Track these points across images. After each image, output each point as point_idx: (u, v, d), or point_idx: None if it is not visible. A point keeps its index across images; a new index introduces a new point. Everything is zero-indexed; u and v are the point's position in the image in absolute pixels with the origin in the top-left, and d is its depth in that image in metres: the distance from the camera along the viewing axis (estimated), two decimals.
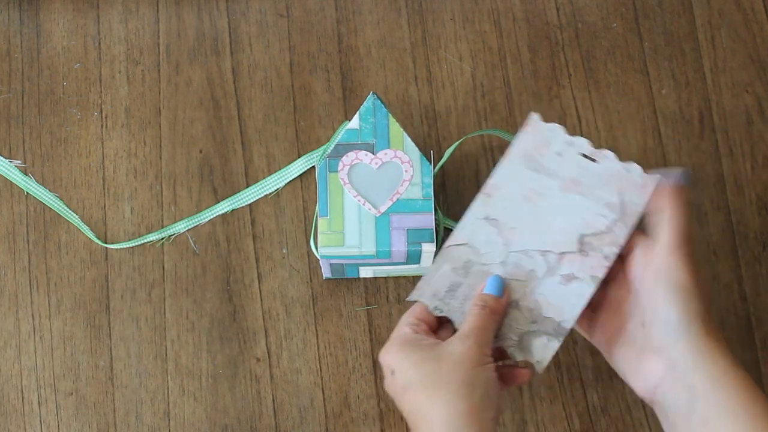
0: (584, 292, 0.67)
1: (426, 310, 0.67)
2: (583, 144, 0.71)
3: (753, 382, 0.60)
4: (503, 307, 0.66)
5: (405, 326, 0.66)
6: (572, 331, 0.73)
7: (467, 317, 0.65)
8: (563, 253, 0.68)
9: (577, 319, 0.68)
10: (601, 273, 0.68)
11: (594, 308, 0.69)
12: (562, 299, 0.67)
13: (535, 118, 0.72)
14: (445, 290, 0.68)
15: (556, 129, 0.71)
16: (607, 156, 0.70)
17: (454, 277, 0.68)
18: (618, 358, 0.66)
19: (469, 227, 0.70)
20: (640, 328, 0.65)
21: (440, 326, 0.68)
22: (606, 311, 0.68)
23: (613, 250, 0.68)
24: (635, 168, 0.70)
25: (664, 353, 0.62)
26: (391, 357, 0.65)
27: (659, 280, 0.63)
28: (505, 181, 0.70)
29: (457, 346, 0.63)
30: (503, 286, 0.67)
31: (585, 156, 0.70)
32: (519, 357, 0.67)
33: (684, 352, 0.61)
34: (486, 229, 0.70)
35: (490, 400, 0.62)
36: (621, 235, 0.68)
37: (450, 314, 0.68)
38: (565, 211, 0.69)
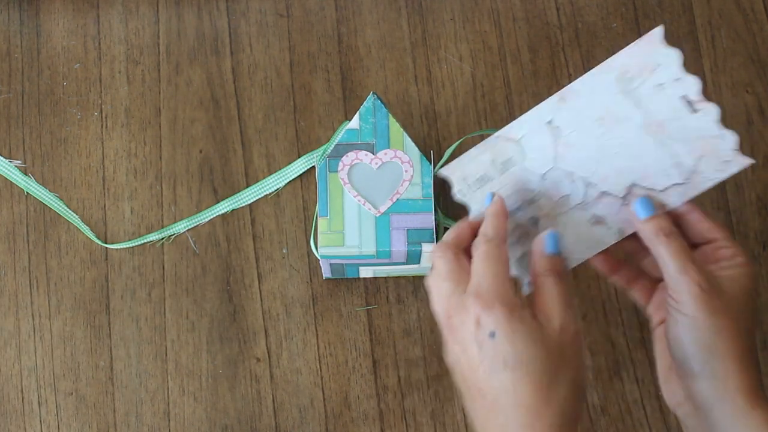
0: (604, 240, 0.62)
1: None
2: (691, 86, 0.62)
3: None
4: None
5: (506, 283, 0.56)
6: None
7: (547, 290, 0.57)
8: (605, 192, 0.62)
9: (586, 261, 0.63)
10: (630, 229, 0.62)
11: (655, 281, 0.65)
12: (579, 238, 0.62)
13: (657, 33, 0.62)
14: (475, 178, 0.63)
15: (673, 56, 0.61)
16: (710, 112, 0.62)
17: (490, 169, 0.63)
18: (656, 351, 0.63)
19: (527, 126, 0.63)
20: (672, 362, 0.61)
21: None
22: (658, 294, 0.64)
23: None
24: (730, 138, 0.61)
25: (693, 400, 0.59)
26: (496, 319, 0.55)
27: (685, 334, 0.58)
28: (587, 91, 0.63)
29: (566, 336, 0.56)
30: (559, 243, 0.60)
31: (687, 101, 0.62)
32: (514, 271, 0.62)
33: (718, 415, 0.57)
34: (544, 135, 0.63)
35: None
36: (673, 202, 0.62)
37: (469, 202, 0.63)
38: (632, 150, 0.62)
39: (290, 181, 0.87)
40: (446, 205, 0.86)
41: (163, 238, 0.85)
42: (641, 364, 0.81)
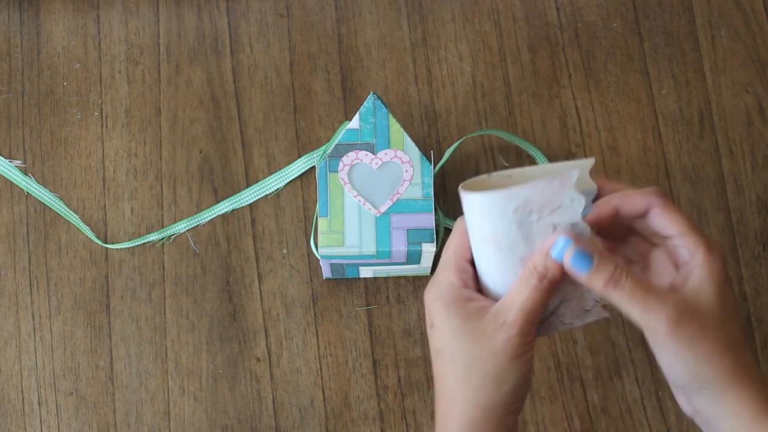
0: None
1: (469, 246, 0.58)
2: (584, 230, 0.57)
3: None
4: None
5: (454, 273, 0.58)
6: (571, 332, 0.73)
7: (519, 289, 0.56)
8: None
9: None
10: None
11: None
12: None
13: (573, 177, 0.55)
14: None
15: (578, 201, 0.55)
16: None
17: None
18: None
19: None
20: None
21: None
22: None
23: None
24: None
25: (700, 415, 0.57)
26: (436, 309, 0.57)
27: (671, 367, 0.56)
28: (483, 208, 0.56)
29: (501, 334, 0.55)
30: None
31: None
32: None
33: (704, 408, 0.56)
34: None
35: (516, 395, 0.57)
36: None
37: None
38: (503, 277, 0.58)
39: (290, 181, 0.87)
40: (446, 205, 0.86)
41: (163, 238, 0.85)
42: (641, 364, 0.81)
